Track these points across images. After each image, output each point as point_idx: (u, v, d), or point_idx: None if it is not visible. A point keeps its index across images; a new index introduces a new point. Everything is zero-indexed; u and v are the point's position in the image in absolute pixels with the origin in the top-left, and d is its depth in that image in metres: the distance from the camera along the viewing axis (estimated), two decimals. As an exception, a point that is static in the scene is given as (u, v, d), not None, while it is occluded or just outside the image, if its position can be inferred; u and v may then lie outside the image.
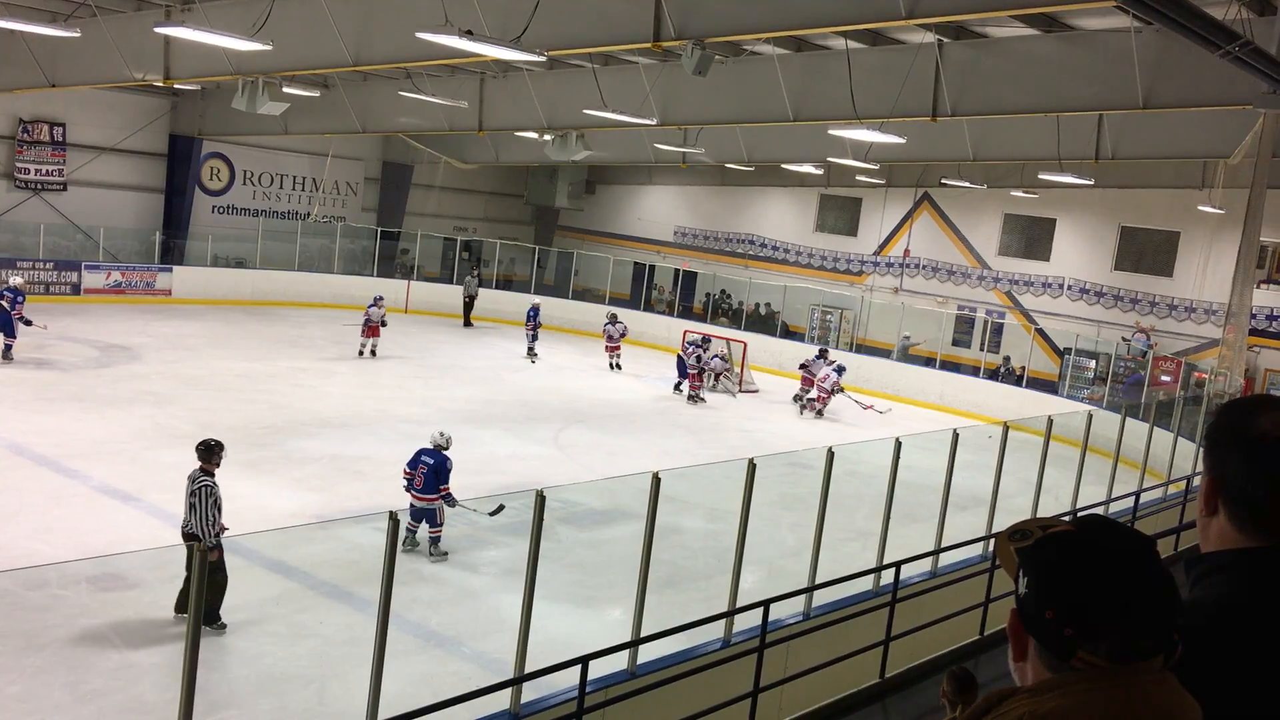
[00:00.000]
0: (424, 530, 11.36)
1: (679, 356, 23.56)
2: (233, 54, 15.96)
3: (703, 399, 22.58)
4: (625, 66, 18.62)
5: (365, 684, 6.14)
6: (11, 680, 8.01)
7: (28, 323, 18.85)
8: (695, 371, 22.78)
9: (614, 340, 25.30)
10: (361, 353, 22.81)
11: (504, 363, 24.67)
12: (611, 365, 25.17)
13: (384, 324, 23.04)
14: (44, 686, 7.75)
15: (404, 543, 10.93)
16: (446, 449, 11.46)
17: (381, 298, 23.43)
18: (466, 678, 8.31)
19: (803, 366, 23.24)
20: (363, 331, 22.96)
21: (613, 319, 25.66)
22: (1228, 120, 16.50)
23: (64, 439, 14.44)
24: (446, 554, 11.33)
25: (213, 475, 9.12)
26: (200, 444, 9.29)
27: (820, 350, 24.23)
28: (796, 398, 23.01)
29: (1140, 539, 1.48)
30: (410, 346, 25.31)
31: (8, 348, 18.66)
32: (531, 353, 25.31)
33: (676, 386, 23.18)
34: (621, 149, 26.88)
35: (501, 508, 11.27)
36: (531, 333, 25.55)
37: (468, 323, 29.86)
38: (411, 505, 11.19)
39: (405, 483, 11.38)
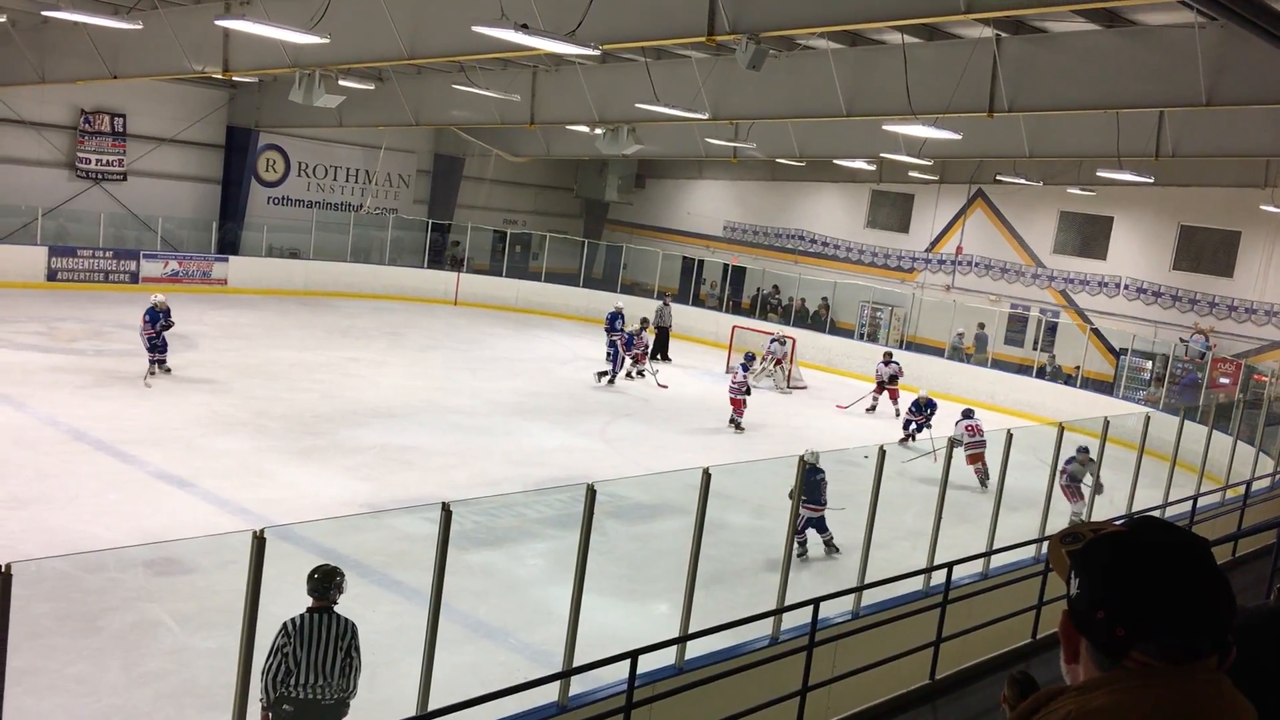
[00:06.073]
0: (813, 536, 12.41)
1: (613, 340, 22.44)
2: (290, 47, 16.16)
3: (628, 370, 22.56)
4: (677, 60, 18.56)
5: (414, 672, 6.19)
6: (70, 661, 8.17)
7: None
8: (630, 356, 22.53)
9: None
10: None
11: (552, 355, 24.73)
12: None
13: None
14: (101, 668, 7.89)
15: (800, 548, 12.09)
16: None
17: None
18: (513, 669, 8.35)
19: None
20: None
21: (888, 358, 22.74)
22: (1293, 118, 16.10)
23: (122, 425, 14.71)
24: (839, 550, 12.34)
25: None
26: (321, 572, 6.60)
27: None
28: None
29: (1192, 539, 1.47)
30: (459, 338, 25.50)
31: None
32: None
33: (605, 374, 22.04)
34: (672, 143, 26.80)
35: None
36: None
37: (665, 356, 25.48)
38: (807, 518, 12.16)
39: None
